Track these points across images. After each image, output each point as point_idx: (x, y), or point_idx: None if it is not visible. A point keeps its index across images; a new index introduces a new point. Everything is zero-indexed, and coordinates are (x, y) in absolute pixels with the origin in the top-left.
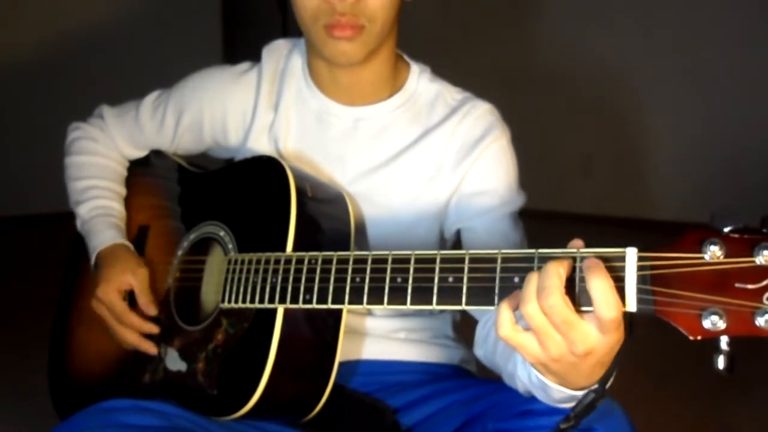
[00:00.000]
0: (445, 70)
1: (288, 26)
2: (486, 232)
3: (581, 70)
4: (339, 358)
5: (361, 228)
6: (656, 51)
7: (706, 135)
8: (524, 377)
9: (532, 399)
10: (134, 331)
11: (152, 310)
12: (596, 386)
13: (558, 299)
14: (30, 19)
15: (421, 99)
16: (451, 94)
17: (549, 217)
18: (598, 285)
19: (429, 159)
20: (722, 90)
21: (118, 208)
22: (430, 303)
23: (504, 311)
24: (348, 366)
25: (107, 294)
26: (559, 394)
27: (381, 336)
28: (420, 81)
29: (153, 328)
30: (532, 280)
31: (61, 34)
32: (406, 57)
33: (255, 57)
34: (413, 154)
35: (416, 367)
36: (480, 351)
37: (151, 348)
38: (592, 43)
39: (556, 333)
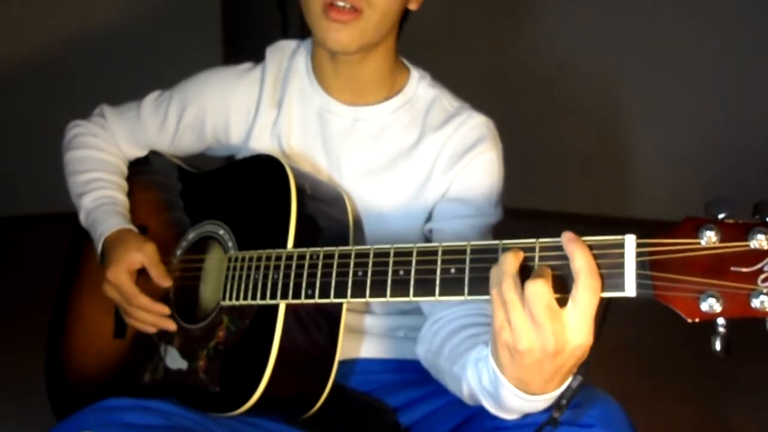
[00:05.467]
0: (444, 69)
1: (288, 26)
2: (454, 235)
3: (581, 71)
4: (340, 351)
5: (359, 227)
6: (655, 51)
7: (705, 135)
8: (474, 380)
9: None
10: (147, 311)
11: (166, 281)
12: (582, 371)
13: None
14: (31, 19)
15: (419, 102)
16: (449, 100)
17: (549, 217)
18: (580, 256)
19: (422, 166)
20: (721, 90)
21: (122, 198)
22: (433, 294)
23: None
24: (348, 365)
25: (117, 275)
26: (510, 399)
27: (380, 334)
28: (419, 85)
29: (164, 309)
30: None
31: (61, 35)
32: (406, 62)
33: (255, 57)
34: (408, 161)
35: (416, 365)
36: (421, 349)
37: (169, 324)
38: (592, 44)
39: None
